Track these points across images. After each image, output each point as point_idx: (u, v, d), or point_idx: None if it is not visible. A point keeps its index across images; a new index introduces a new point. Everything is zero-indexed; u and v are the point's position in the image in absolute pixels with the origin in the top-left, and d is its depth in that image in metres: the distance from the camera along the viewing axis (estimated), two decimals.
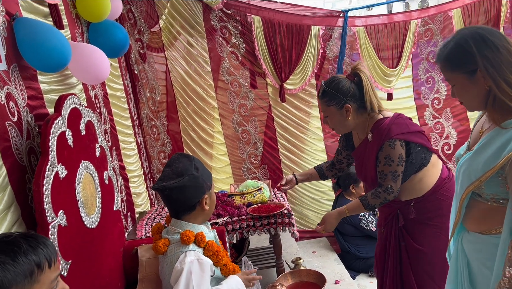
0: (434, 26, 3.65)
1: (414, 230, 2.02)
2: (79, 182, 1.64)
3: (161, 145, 3.58)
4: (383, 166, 1.88)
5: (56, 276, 1.02)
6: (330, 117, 1.98)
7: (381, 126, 1.90)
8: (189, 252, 1.51)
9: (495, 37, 1.23)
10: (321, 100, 1.98)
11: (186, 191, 1.54)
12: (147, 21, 3.28)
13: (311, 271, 2.39)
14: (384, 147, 1.86)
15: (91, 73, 1.87)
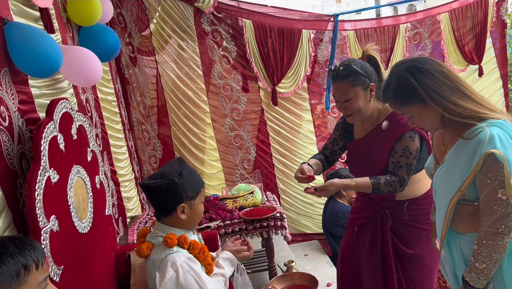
0: (423, 30, 3.70)
1: (403, 232, 1.98)
2: (71, 187, 1.63)
3: (152, 149, 3.56)
4: (400, 156, 1.81)
5: (44, 278, 1.02)
6: (354, 100, 1.82)
7: (401, 116, 1.80)
8: (177, 254, 1.49)
9: (428, 65, 1.34)
10: (345, 80, 1.80)
11: (161, 194, 1.53)
12: (138, 25, 3.27)
13: (303, 274, 2.40)
14: (404, 138, 1.80)
15: (84, 75, 1.86)
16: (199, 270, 1.51)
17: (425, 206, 1.93)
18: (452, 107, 1.31)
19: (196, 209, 1.59)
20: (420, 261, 1.98)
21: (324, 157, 2.13)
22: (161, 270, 1.46)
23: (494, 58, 3.86)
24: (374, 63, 1.86)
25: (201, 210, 1.63)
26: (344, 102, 1.83)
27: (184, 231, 1.59)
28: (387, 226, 1.99)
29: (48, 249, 1.39)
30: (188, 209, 1.55)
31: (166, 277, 1.44)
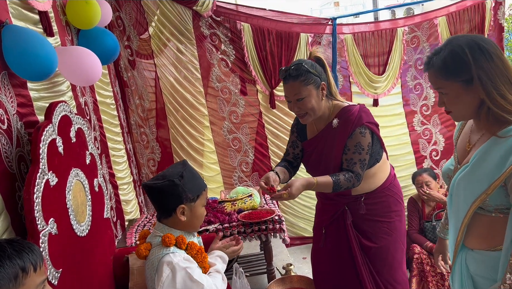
0: (420, 33, 3.71)
1: (365, 227, 1.99)
2: (69, 190, 1.63)
3: (150, 152, 3.56)
4: (353, 153, 1.84)
5: (42, 281, 1.02)
6: (307, 99, 1.83)
7: (350, 112, 1.86)
8: (173, 254, 1.50)
9: (490, 46, 1.21)
10: (297, 80, 1.81)
11: (162, 194, 1.54)
12: (136, 28, 3.28)
13: (302, 277, 2.40)
14: (355, 134, 1.83)
15: (83, 75, 1.85)
16: (196, 268, 1.52)
17: (382, 199, 1.97)
18: (497, 97, 1.18)
19: (196, 212, 1.59)
20: (385, 254, 1.99)
21: (288, 163, 2.10)
22: (158, 270, 1.47)
23: None
24: (322, 65, 1.89)
25: (202, 213, 1.63)
26: (297, 101, 1.84)
27: (184, 233, 1.59)
28: (348, 222, 2.00)
29: (46, 252, 1.39)
30: (188, 211, 1.56)
31: (163, 276, 1.45)
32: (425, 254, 2.84)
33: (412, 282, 2.80)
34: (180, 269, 1.46)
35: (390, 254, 2.00)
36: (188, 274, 1.47)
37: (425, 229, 2.98)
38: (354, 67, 3.64)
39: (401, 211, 2.05)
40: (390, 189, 1.99)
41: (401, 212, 2.04)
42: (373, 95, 3.68)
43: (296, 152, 2.11)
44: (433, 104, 3.82)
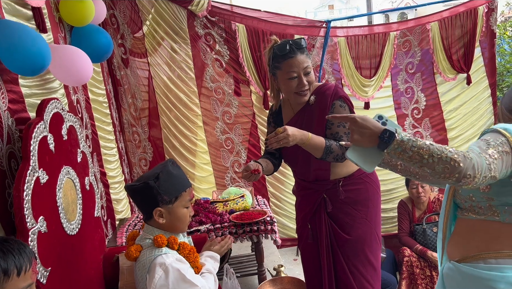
0: (412, 38, 3.74)
1: (341, 215, 1.95)
2: (60, 188, 1.61)
3: (142, 152, 3.54)
4: (337, 127, 1.83)
5: (27, 286, 0.98)
6: (312, 72, 1.88)
7: (326, 87, 1.88)
8: (166, 255, 1.48)
9: None
10: (304, 53, 1.84)
11: (137, 197, 1.53)
12: (131, 27, 3.26)
13: (292, 278, 2.41)
14: (336, 107, 1.83)
15: (74, 74, 1.84)
16: (188, 269, 1.51)
17: (360, 186, 1.95)
18: None
19: (176, 214, 1.54)
20: (360, 247, 1.96)
21: (270, 155, 2.06)
22: (151, 272, 1.46)
23: (483, 67, 3.91)
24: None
25: (184, 215, 1.58)
26: (305, 75, 1.84)
27: (174, 233, 1.58)
28: (327, 211, 1.97)
29: (35, 250, 1.37)
30: (166, 213, 1.52)
31: (155, 277, 1.43)
32: (415, 257, 2.86)
33: (402, 284, 2.82)
34: (173, 269, 1.45)
35: (366, 247, 1.96)
36: (181, 274, 1.46)
37: (415, 232, 3.00)
38: (346, 70, 3.66)
39: (378, 201, 2.03)
40: (368, 176, 1.97)
41: (377, 202, 2.02)
42: (364, 98, 3.70)
43: None
44: (424, 108, 3.85)
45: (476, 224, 1.22)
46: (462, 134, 3.91)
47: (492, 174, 1.08)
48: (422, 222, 2.98)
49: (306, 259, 2.16)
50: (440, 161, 1.06)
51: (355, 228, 1.95)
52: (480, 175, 1.06)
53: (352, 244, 1.95)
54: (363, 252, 1.96)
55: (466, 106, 3.90)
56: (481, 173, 1.06)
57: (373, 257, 2.00)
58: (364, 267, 1.96)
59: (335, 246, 1.97)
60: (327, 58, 3.65)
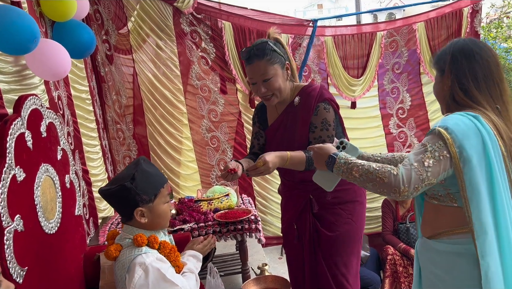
0: (399, 38, 3.77)
1: (327, 215, 1.93)
2: (38, 186, 1.58)
3: (126, 149, 3.50)
4: (321, 130, 1.79)
5: None
6: (274, 78, 1.78)
7: (311, 88, 1.84)
8: (146, 254, 1.46)
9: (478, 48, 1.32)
10: (263, 59, 1.75)
11: (115, 200, 1.51)
12: (115, 23, 3.22)
13: (276, 277, 2.40)
14: (319, 110, 1.80)
15: (50, 69, 1.79)
16: (169, 268, 1.49)
17: (349, 186, 1.87)
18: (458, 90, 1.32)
19: (157, 211, 1.53)
20: (342, 246, 1.93)
21: (254, 155, 2.03)
22: (130, 271, 1.43)
23: None
24: (282, 46, 1.86)
25: (165, 211, 1.57)
26: (264, 82, 1.78)
27: (154, 231, 1.56)
28: (313, 212, 1.94)
29: (11, 249, 1.34)
30: (147, 212, 1.50)
31: (135, 277, 1.41)
32: (398, 255, 2.88)
33: (385, 283, 2.84)
34: (153, 269, 1.43)
35: (346, 243, 1.94)
36: (161, 274, 1.44)
37: (399, 231, 3.02)
38: (333, 69, 3.67)
39: (363, 202, 2.01)
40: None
41: (363, 203, 2.00)
42: (350, 98, 3.72)
43: (261, 142, 2.05)
44: (409, 107, 3.88)
45: (439, 208, 1.35)
46: None
47: (426, 182, 1.21)
48: (405, 220, 3.01)
49: (290, 258, 2.15)
50: (369, 178, 1.26)
51: (339, 227, 1.93)
52: (409, 187, 1.20)
53: (334, 242, 1.93)
54: (345, 251, 1.95)
55: None
56: (411, 186, 1.20)
57: (354, 257, 1.98)
58: (344, 266, 1.95)
59: (316, 245, 1.96)
60: (314, 58, 3.65)
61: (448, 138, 1.20)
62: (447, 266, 1.31)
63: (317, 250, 1.96)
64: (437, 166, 1.21)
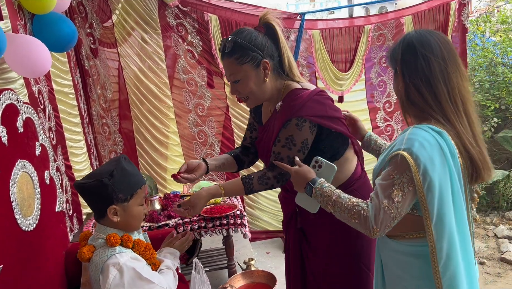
0: (387, 31, 3.76)
1: (313, 232, 1.70)
2: (14, 182, 1.55)
3: (112, 144, 3.46)
4: (282, 147, 1.52)
5: None
6: (244, 81, 1.52)
7: (296, 97, 1.51)
8: (119, 254, 1.44)
9: (432, 44, 1.25)
10: (230, 58, 1.51)
11: (90, 195, 1.47)
12: (99, 16, 3.17)
13: (262, 272, 2.39)
14: (290, 125, 1.49)
15: (30, 66, 1.75)
16: (144, 266, 1.47)
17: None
18: (412, 90, 1.27)
19: (131, 212, 1.50)
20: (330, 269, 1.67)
21: (243, 150, 1.85)
22: (104, 272, 1.41)
23: None
24: (272, 35, 1.54)
25: (139, 212, 1.54)
26: (234, 83, 1.55)
27: (128, 231, 1.54)
28: (297, 227, 1.72)
29: None
30: (121, 211, 1.48)
31: (109, 278, 1.39)
32: None
33: None
34: (127, 268, 1.41)
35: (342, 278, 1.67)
36: (136, 272, 1.42)
37: None
38: (320, 63, 3.65)
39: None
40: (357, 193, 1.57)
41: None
42: (337, 92, 3.71)
43: (254, 135, 1.84)
44: (396, 101, 3.89)
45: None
46: None
47: (397, 218, 1.22)
48: None
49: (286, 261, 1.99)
50: (342, 216, 1.29)
51: (327, 251, 1.68)
52: (380, 227, 1.20)
53: (322, 269, 1.70)
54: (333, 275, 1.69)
55: None
56: (382, 225, 1.20)
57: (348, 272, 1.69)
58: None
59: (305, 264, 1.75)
60: (302, 51, 3.63)
61: (413, 166, 1.17)
62: (405, 265, 1.33)
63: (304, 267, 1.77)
64: (406, 199, 1.20)
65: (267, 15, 1.53)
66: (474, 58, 5.18)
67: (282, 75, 1.58)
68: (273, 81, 1.57)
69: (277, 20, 1.53)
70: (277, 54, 1.55)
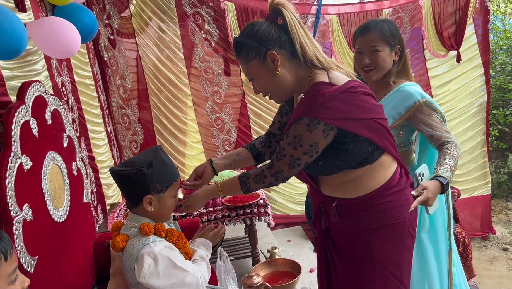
0: (404, 15, 3.68)
1: (337, 238, 1.56)
2: (45, 174, 1.56)
3: (132, 134, 3.48)
4: (288, 144, 1.36)
5: (14, 269, 0.99)
6: (257, 78, 1.41)
7: (317, 93, 1.31)
8: (153, 243, 1.44)
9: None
10: (239, 58, 1.42)
11: (127, 183, 1.47)
12: (117, 6, 3.16)
13: (286, 260, 2.39)
14: (301, 124, 1.32)
15: (60, 46, 1.72)
16: (178, 255, 1.47)
17: (361, 212, 1.46)
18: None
19: (165, 203, 1.51)
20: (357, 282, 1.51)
21: (265, 139, 1.72)
22: (139, 261, 1.41)
23: (476, 45, 3.86)
24: (283, 21, 1.37)
25: (171, 204, 1.54)
26: (251, 81, 1.45)
27: (158, 221, 1.54)
28: (321, 227, 1.61)
29: (21, 239, 1.33)
30: (156, 201, 1.48)
31: (144, 267, 1.39)
32: None
33: None
34: (162, 257, 1.41)
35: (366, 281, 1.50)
36: (171, 261, 1.42)
37: None
38: (338, 48, 3.61)
39: (390, 236, 1.46)
40: (378, 205, 1.44)
41: (389, 237, 1.46)
42: None
43: (284, 120, 1.65)
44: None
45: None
46: (451, 110, 3.89)
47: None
48: None
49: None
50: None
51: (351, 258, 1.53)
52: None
53: (346, 276, 1.55)
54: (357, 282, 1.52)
55: (455, 83, 3.86)
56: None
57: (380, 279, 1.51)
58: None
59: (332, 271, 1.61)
60: (318, 36, 3.58)
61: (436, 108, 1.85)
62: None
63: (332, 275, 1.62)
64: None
65: (272, 1, 1.38)
66: (495, 41, 5.06)
67: (305, 63, 1.38)
68: (292, 70, 1.39)
69: (286, 3, 1.36)
70: (288, 41, 1.36)
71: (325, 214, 1.56)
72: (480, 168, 3.99)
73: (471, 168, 3.95)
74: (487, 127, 3.95)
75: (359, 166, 1.41)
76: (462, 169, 3.92)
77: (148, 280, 1.40)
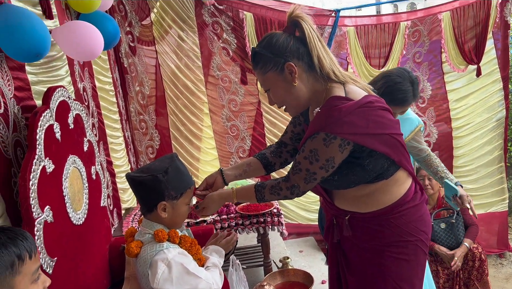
0: (423, 28, 3.68)
1: (350, 251, 1.56)
2: (66, 177, 1.60)
3: (149, 140, 3.54)
4: (304, 158, 1.36)
5: (37, 268, 1.02)
6: (273, 89, 1.41)
7: (333, 108, 1.30)
8: (167, 249, 1.45)
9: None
10: (256, 69, 1.42)
11: (142, 188, 1.48)
12: (138, 14, 3.23)
13: (299, 270, 2.38)
14: (317, 139, 1.32)
15: (84, 47, 1.77)
16: (191, 262, 1.48)
17: (375, 226, 1.46)
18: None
19: (179, 210, 1.52)
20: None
21: (276, 148, 1.70)
22: (153, 267, 1.42)
23: (495, 59, 3.82)
24: (301, 33, 1.37)
25: (185, 211, 1.55)
26: (267, 92, 1.45)
27: (171, 228, 1.55)
28: (333, 240, 1.60)
29: (41, 240, 1.36)
30: (170, 208, 1.49)
31: (158, 273, 1.40)
32: None
33: None
34: (176, 264, 1.42)
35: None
36: (184, 268, 1.43)
37: None
38: (354, 59, 3.62)
39: (403, 252, 1.45)
40: (391, 220, 1.43)
41: (402, 253, 1.45)
42: None
43: (297, 130, 1.64)
44: (429, 97, 3.80)
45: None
46: (468, 124, 3.84)
47: None
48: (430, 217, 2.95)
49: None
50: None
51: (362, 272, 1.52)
52: None
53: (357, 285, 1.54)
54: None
55: (473, 97, 3.82)
56: None
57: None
58: None
59: (343, 284, 1.62)
60: (334, 47, 3.60)
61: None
62: None
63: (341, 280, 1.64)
64: None
65: (294, 12, 1.37)
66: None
67: (322, 76, 1.37)
68: (309, 83, 1.39)
69: (304, 16, 1.36)
70: (307, 53, 1.36)
71: (338, 227, 1.56)
72: (497, 183, 3.93)
73: (487, 183, 3.89)
74: (505, 142, 3.89)
75: (375, 181, 1.41)
76: (478, 183, 3.87)
77: (162, 286, 1.42)
